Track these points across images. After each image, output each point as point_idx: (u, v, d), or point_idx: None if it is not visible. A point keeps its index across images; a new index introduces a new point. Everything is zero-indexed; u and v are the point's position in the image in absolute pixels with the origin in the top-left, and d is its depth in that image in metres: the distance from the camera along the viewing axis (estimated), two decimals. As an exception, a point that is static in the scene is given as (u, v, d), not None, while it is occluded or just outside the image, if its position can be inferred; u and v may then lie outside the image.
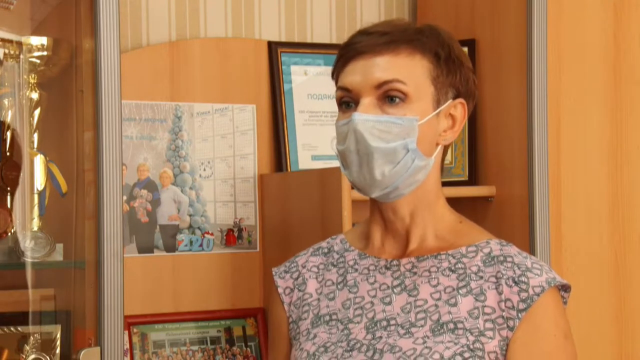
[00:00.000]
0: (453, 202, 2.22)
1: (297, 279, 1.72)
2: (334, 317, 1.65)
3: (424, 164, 1.60)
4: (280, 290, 1.73)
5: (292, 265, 1.74)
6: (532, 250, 2.20)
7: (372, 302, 1.63)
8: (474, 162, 2.37)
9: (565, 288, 1.61)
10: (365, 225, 1.73)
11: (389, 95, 1.58)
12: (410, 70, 1.58)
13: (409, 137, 1.57)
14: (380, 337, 1.58)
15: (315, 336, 1.64)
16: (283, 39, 2.53)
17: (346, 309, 1.64)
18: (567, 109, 2.29)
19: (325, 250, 1.73)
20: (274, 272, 1.75)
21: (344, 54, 1.63)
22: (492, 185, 2.33)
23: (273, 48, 2.46)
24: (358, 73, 1.59)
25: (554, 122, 2.26)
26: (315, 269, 1.72)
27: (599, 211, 2.32)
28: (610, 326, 2.33)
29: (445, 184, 2.35)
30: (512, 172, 2.28)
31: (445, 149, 1.67)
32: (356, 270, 1.67)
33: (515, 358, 1.54)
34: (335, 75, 1.66)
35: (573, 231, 2.29)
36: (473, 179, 2.37)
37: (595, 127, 2.33)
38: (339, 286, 1.67)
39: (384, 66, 1.58)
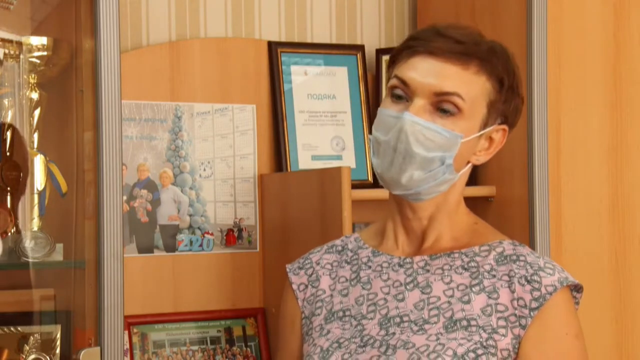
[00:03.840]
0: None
1: (310, 275, 1.73)
2: (347, 313, 1.65)
3: (450, 178, 1.60)
4: (294, 286, 1.73)
5: (306, 262, 1.75)
6: (532, 250, 2.20)
7: (385, 299, 1.64)
8: (474, 162, 2.37)
9: (577, 289, 1.63)
10: (381, 223, 1.74)
11: (444, 107, 1.56)
12: (472, 87, 1.57)
13: (449, 151, 1.57)
14: (394, 334, 1.59)
15: (328, 332, 1.65)
16: (283, 39, 2.53)
17: (359, 305, 1.65)
18: (567, 109, 2.29)
19: (340, 248, 1.74)
20: (287, 269, 1.76)
21: (413, 46, 1.59)
22: (492, 185, 2.33)
23: (273, 48, 2.45)
24: (422, 72, 1.56)
25: (554, 122, 2.26)
26: (328, 266, 1.73)
27: (599, 211, 2.32)
28: (610, 326, 2.33)
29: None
30: (512, 172, 2.28)
31: (473, 167, 1.67)
32: (369, 267, 1.68)
33: (529, 357, 1.56)
34: (395, 61, 1.62)
35: (573, 231, 2.29)
36: (473, 179, 2.36)
37: (595, 127, 2.32)
38: (352, 282, 1.68)
39: (451, 77, 1.56)
